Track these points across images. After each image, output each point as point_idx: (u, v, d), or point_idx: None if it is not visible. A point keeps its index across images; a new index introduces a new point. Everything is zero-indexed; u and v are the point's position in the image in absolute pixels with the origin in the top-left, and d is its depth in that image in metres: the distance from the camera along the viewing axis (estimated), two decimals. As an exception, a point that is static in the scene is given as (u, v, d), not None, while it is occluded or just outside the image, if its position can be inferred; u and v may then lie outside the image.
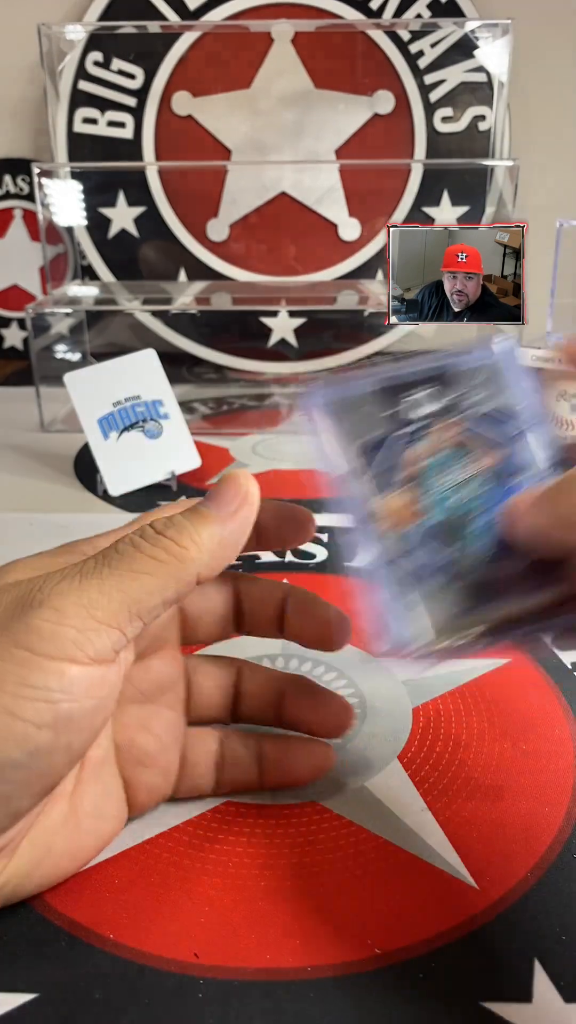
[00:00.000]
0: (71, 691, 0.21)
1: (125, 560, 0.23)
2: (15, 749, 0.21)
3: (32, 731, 0.21)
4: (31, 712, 0.21)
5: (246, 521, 0.25)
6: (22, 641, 0.21)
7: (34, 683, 0.21)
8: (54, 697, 0.21)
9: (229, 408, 0.83)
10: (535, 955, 0.24)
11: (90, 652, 0.22)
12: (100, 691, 0.22)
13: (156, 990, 0.23)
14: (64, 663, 0.21)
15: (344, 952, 0.24)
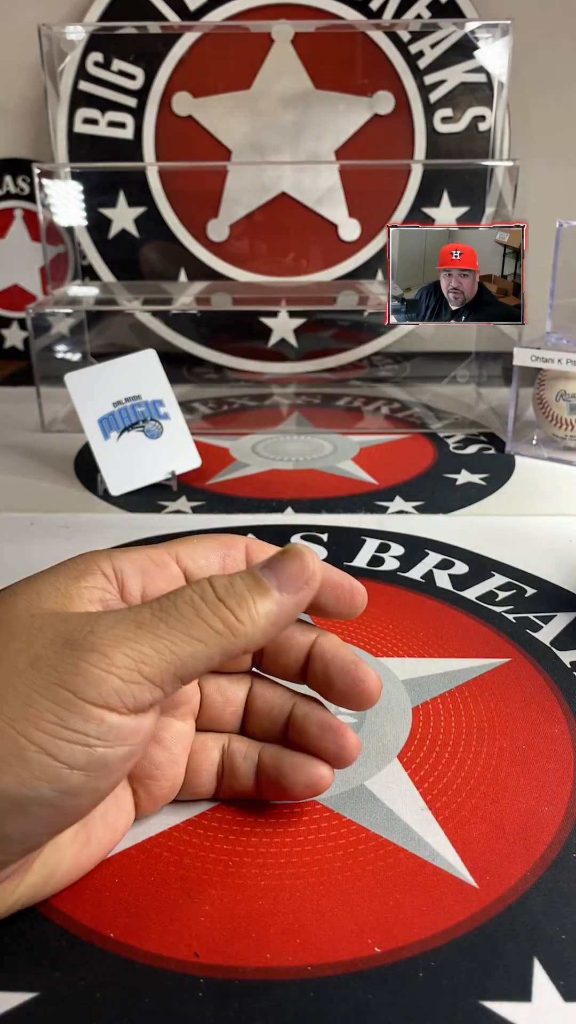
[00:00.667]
0: (107, 737, 0.22)
1: (183, 623, 0.23)
2: (46, 787, 0.21)
3: (65, 772, 0.21)
4: (67, 754, 0.21)
5: (303, 603, 0.25)
6: (67, 681, 0.21)
7: (73, 726, 0.21)
8: (91, 742, 0.21)
9: (229, 408, 0.83)
10: (535, 955, 0.24)
11: (130, 704, 0.22)
12: (135, 739, 0.23)
13: (156, 990, 0.23)
14: (104, 711, 0.22)
15: (344, 952, 0.24)
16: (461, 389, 0.88)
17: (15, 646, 0.23)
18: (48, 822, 0.22)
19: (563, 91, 0.92)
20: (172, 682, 0.23)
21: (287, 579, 0.24)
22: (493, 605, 0.43)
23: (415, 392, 0.88)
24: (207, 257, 0.91)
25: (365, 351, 0.93)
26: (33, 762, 0.21)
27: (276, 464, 0.66)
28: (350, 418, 0.79)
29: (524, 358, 0.64)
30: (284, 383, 0.91)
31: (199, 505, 0.58)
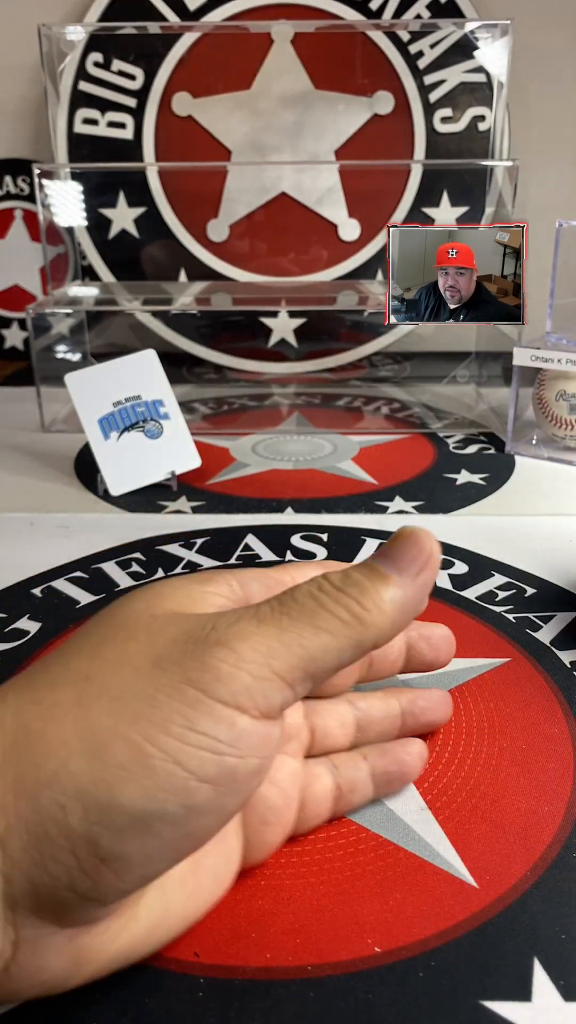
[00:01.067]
0: (238, 745, 0.20)
1: (306, 613, 0.21)
2: (173, 802, 0.19)
3: (193, 784, 0.19)
4: (195, 763, 0.19)
5: (427, 586, 0.23)
6: (195, 679, 0.20)
7: (203, 729, 0.19)
8: (221, 748, 0.20)
9: (229, 408, 0.83)
10: (535, 955, 0.24)
11: (261, 705, 0.20)
12: (264, 750, 0.21)
13: (156, 990, 0.23)
14: (236, 712, 0.20)
15: (344, 952, 0.24)
16: (461, 389, 0.88)
17: (134, 647, 0.21)
18: (171, 845, 0.20)
19: (563, 91, 0.92)
20: (303, 680, 0.21)
21: (405, 563, 0.23)
22: (493, 605, 0.43)
23: (415, 392, 0.88)
24: (207, 257, 0.91)
25: (365, 351, 0.93)
26: (160, 772, 0.19)
27: (276, 464, 0.66)
28: (350, 418, 0.79)
29: (524, 358, 0.64)
30: (284, 383, 0.91)
31: (199, 505, 0.58)
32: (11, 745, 0.20)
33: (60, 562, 0.49)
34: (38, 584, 0.46)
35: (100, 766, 0.19)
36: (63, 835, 0.19)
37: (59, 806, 0.19)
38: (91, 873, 0.19)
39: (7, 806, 0.19)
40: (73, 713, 0.20)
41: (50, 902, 0.19)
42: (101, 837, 0.19)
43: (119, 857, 0.19)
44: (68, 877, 0.19)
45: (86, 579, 0.47)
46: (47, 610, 0.43)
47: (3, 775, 0.19)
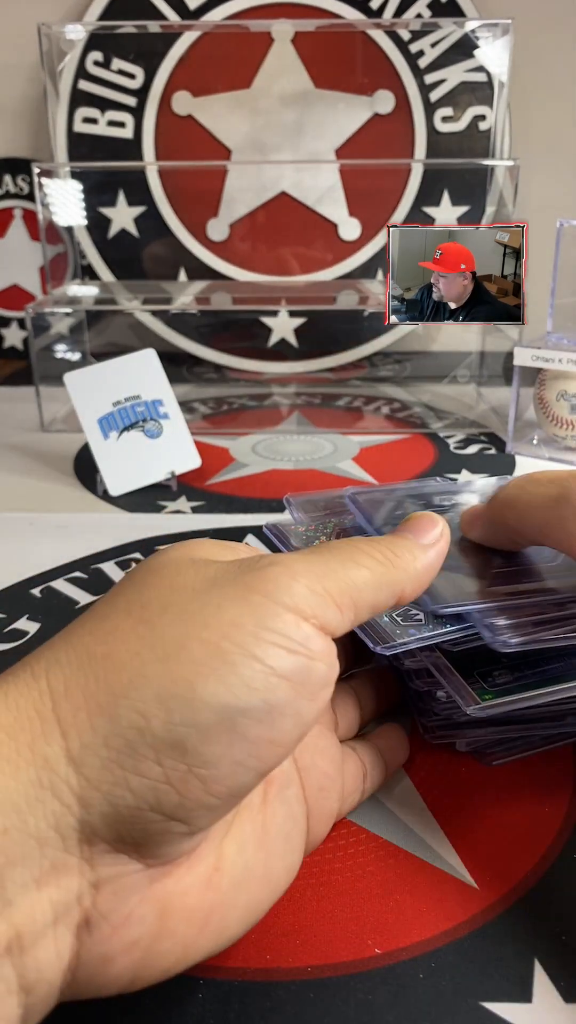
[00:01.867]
0: (308, 645, 0.20)
1: (346, 552, 0.23)
2: (254, 696, 0.19)
3: (273, 680, 0.19)
4: (272, 657, 0.19)
5: (440, 555, 0.25)
6: (257, 587, 0.20)
7: (273, 627, 0.20)
8: (293, 647, 0.20)
9: (229, 408, 0.83)
10: (535, 955, 0.24)
11: (320, 616, 0.21)
12: (329, 658, 0.21)
13: (156, 990, 0.23)
14: (299, 617, 0.20)
15: (344, 952, 0.24)
16: (461, 389, 0.88)
17: (183, 577, 0.21)
18: (256, 749, 0.19)
19: (563, 91, 0.92)
20: (349, 607, 0.21)
21: (423, 533, 0.25)
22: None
23: (415, 392, 0.88)
24: (207, 256, 0.91)
25: (365, 351, 0.93)
26: (239, 665, 0.19)
27: (276, 464, 0.66)
28: (350, 418, 0.79)
29: (525, 358, 0.64)
30: (284, 383, 0.91)
31: (199, 505, 0.58)
32: (75, 670, 0.19)
33: (59, 562, 0.49)
34: (37, 584, 0.46)
35: (178, 665, 0.19)
36: (147, 744, 0.18)
37: (139, 714, 0.18)
38: (178, 785, 0.18)
39: (80, 725, 0.18)
40: (137, 631, 0.20)
41: (132, 828, 0.18)
42: (187, 738, 0.18)
43: (206, 762, 0.19)
44: (153, 793, 0.18)
45: (85, 579, 0.47)
46: (46, 610, 0.43)
47: (70, 698, 0.19)
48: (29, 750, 0.18)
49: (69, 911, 0.18)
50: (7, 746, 0.18)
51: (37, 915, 0.18)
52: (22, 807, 0.18)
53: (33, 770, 0.18)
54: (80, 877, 0.18)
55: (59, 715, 0.19)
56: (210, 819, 0.19)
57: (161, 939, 0.19)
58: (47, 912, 0.18)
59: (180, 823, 0.19)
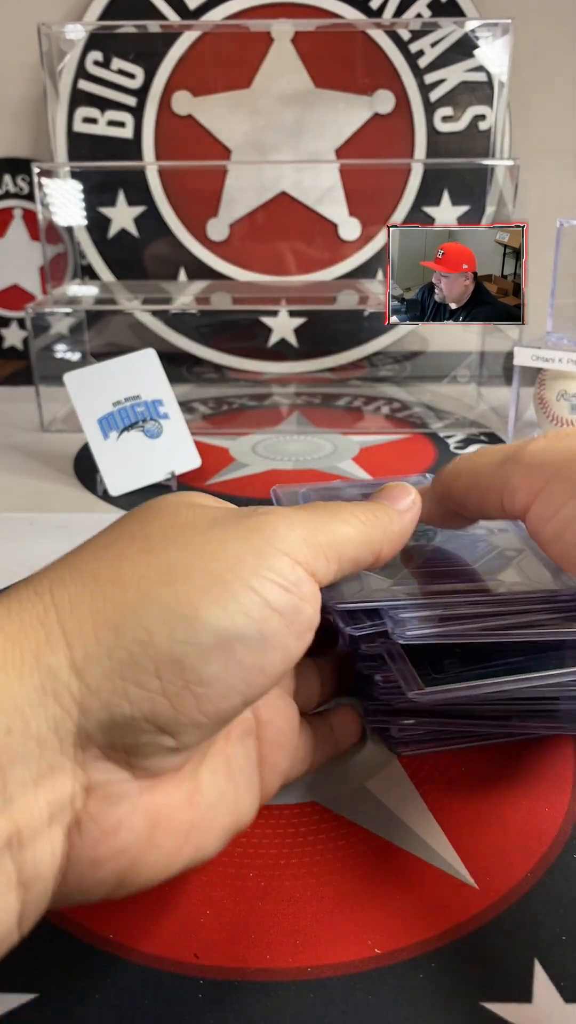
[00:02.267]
0: (300, 587, 0.22)
1: (335, 510, 0.25)
2: (251, 625, 0.21)
3: (268, 612, 0.21)
4: (268, 592, 0.21)
5: (413, 521, 0.28)
6: (258, 531, 0.22)
7: (271, 567, 0.22)
8: (287, 586, 0.22)
9: (229, 408, 0.83)
10: (535, 955, 0.24)
11: (311, 563, 0.23)
12: (315, 603, 0.23)
13: (156, 990, 0.23)
14: (293, 560, 0.22)
15: (344, 952, 0.24)
16: (462, 389, 0.88)
17: (184, 516, 0.23)
18: (246, 675, 0.21)
19: (563, 91, 0.92)
20: (335, 559, 0.24)
21: (397, 500, 0.28)
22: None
23: (415, 392, 0.88)
24: (207, 256, 0.91)
25: (365, 351, 0.93)
26: (240, 595, 0.21)
27: (276, 464, 0.66)
28: (350, 418, 0.79)
29: (525, 358, 0.64)
30: (284, 383, 0.91)
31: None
32: (80, 588, 0.21)
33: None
34: (38, 584, 0.46)
35: (184, 590, 0.20)
36: (149, 657, 0.20)
37: (144, 629, 0.20)
38: (173, 699, 0.20)
39: (85, 636, 0.20)
40: (143, 557, 0.21)
41: (124, 737, 0.20)
42: (187, 656, 0.20)
43: (202, 680, 0.20)
44: (150, 704, 0.20)
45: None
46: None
47: (75, 612, 0.20)
48: (34, 657, 0.19)
49: (63, 812, 0.19)
50: (12, 653, 0.19)
51: (35, 813, 0.19)
52: (25, 710, 0.19)
53: (37, 676, 0.19)
54: (73, 780, 0.20)
55: (64, 627, 0.20)
56: (196, 737, 0.21)
57: (148, 850, 0.21)
58: (44, 811, 0.19)
59: (170, 737, 0.20)
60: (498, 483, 0.27)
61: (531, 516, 0.26)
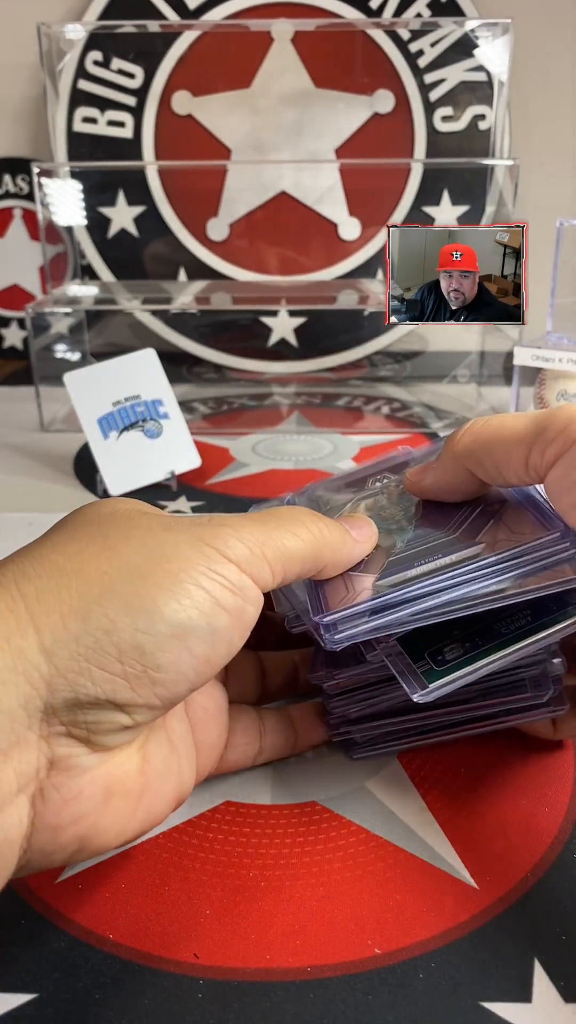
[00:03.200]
0: (246, 592, 0.24)
1: (284, 522, 0.26)
2: (203, 620, 0.23)
3: (218, 609, 0.23)
4: (218, 592, 0.23)
5: (361, 556, 0.29)
6: (209, 540, 0.24)
7: (220, 571, 0.24)
8: (234, 588, 0.24)
9: (229, 408, 0.83)
10: (535, 955, 0.24)
11: (255, 574, 0.24)
12: (257, 605, 0.25)
13: (156, 990, 0.23)
14: (239, 568, 0.24)
15: (344, 952, 0.24)
16: (462, 388, 0.88)
17: (139, 521, 0.25)
18: (197, 664, 0.23)
19: (563, 90, 0.92)
20: (280, 572, 0.25)
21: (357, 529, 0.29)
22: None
23: (415, 391, 0.88)
24: (207, 256, 0.91)
25: (365, 351, 0.93)
26: (194, 594, 0.23)
27: (276, 464, 0.66)
28: (350, 418, 0.79)
29: (525, 357, 0.64)
30: (284, 383, 0.91)
31: (199, 505, 0.58)
32: (46, 581, 0.22)
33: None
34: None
35: (143, 586, 0.22)
36: (112, 643, 0.22)
37: (109, 619, 0.22)
38: (133, 682, 0.22)
39: (54, 624, 0.22)
40: (104, 555, 0.23)
41: (87, 714, 0.22)
42: (147, 644, 0.22)
43: (159, 666, 0.22)
44: (111, 685, 0.22)
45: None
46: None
47: (43, 603, 0.22)
48: (5, 640, 0.21)
49: (29, 782, 0.21)
50: None
51: (3, 783, 0.21)
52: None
53: (8, 656, 0.21)
54: (39, 753, 0.21)
55: (32, 615, 0.22)
56: (148, 716, 0.23)
57: (105, 815, 0.23)
58: (12, 781, 0.21)
59: (126, 715, 0.22)
60: (529, 437, 0.26)
61: (553, 475, 0.26)
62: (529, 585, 0.26)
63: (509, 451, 0.27)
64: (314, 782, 0.31)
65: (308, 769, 0.32)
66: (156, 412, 0.60)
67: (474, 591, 0.27)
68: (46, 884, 0.27)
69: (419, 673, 0.27)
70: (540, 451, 0.26)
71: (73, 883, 0.27)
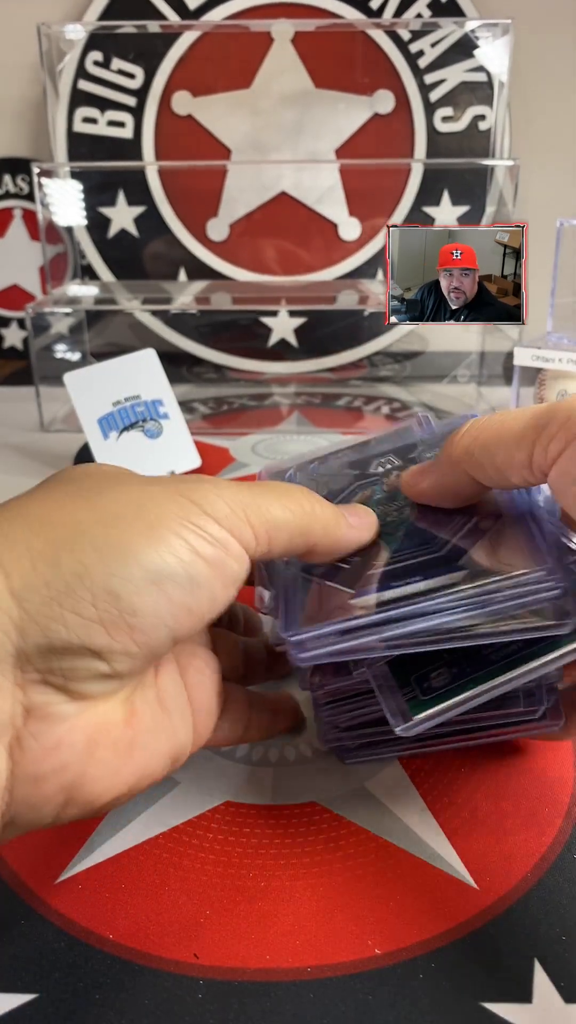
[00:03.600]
0: (227, 545, 0.24)
1: (274, 492, 0.26)
2: (180, 567, 0.22)
3: (195, 557, 0.23)
4: (196, 541, 0.23)
5: (356, 543, 0.28)
6: (188, 495, 0.24)
7: (197, 523, 0.23)
8: (212, 540, 0.23)
9: (229, 408, 0.83)
10: (535, 955, 0.24)
11: (236, 530, 0.24)
12: (242, 561, 0.24)
13: (156, 990, 0.23)
14: (218, 523, 0.24)
15: (344, 952, 0.24)
16: (462, 388, 0.88)
17: (119, 477, 0.25)
18: (176, 610, 0.23)
19: (563, 91, 0.92)
20: (264, 536, 0.25)
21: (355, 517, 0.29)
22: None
23: (416, 391, 0.88)
24: (207, 256, 0.91)
25: (365, 351, 0.93)
26: (170, 541, 0.22)
27: (276, 464, 0.66)
28: (350, 418, 0.79)
29: (525, 357, 0.64)
30: (284, 383, 0.91)
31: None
32: (15, 528, 0.22)
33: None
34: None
35: (117, 532, 0.22)
36: (86, 587, 0.21)
37: (81, 564, 0.21)
38: (108, 626, 0.21)
39: (23, 568, 0.21)
40: (77, 503, 0.23)
41: (62, 660, 0.21)
42: (122, 588, 0.21)
43: (135, 611, 0.22)
44: (86, 630, 0.21)
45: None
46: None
47: (12, 549, 0.21)
48: None
49: (5, 730, 0.21)
50: None
51: None
52: None
53: None
54: (13, 700, 0.21)
55: (1, 561, 0.21)
56: (128, 665, 0.22)
57: (90, 764, 0.22)
58: None
59: (104, 663, 0.22)
60: (531, 435, 0.25)
61: (557, 471, 0.25)
62: (503, 626, 0.25)
63: (511, 452, 0.26)
64: (314, 782, 0.31)
65: (308, 769, 0.32)
66: (156, 412, 0.60)
67: (445, 624, 0.25)
68: (46, 884, 0.27)
69: (404, 702, 0.26)
70: (543, 449, 0.25)
71: (73, 883, 0.27)
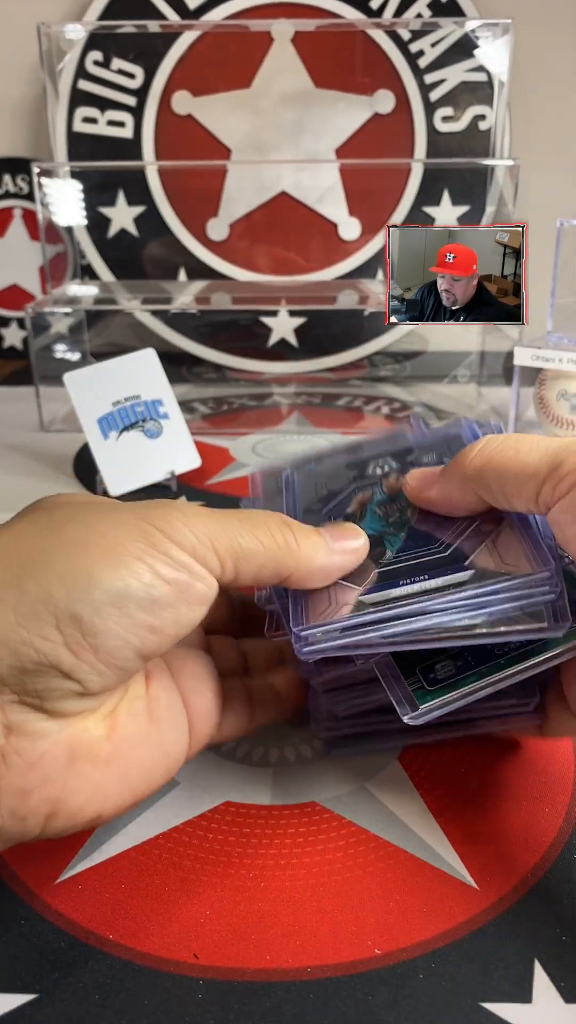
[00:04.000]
0: (191, 568, 0.24)
1: (252, 525, 0.26)
2: (141, 589, 0.23)
3: (157, 580, 0.23)
4: (158, 565, 0.24)
5: (343, 568, 0.28)
6: (155, 523, 0.24)
7: (159, 547, 0.24)
8: (176, 565, 0.24)
9: (229, 408, 0.83)
10: (535, 955, 0.24)
11: (200, 557, 0.24)
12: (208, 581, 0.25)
13: (156, 991, 0.23)
14: (183, 549, 0.24)
15: (344, 952, 0.24)
16: (462, 388, 0.88)
17: (89, 506, 0.25)
18: (139, 631, 0.23)
19: (563, 90, 0.92)
20: (231, 567, 0.25)
21: (341, 540, 0.28)
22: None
23: (416, 391, 0.88)
24: (207, 256, 0.91)
25: (365, 351, 0.93)
26: (131, 564, 0.23)
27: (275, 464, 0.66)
28: (350, 418, 0.79)
29: (525, 357, 0.64)
30: (284, 383, 0.91)
31: (199, 505, 0.58)
32: None
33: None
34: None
35: (79, 559, 0.23)
36: (50, 613, 0.22)
37: (44, 590, 0.22)
38: (74, 649, 0.22)
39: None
40: (43, 535, 0.24)
41: (35, 681, 0.22)
42: (83, 612, 0.22)
43: (97, 633, 0.23)
44: (54, 652, 0.22)
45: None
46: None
47: None
48: None
49: None
50: None
51: None
52: None
53: None
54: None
55: None
56: (100, 684, 0.23)
57: (72, 776, 0.23)
58: None
59: (75, 682, 0.23)
60: (543, 472, 0.26)
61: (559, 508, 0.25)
62: (502, 627, 0.26)
63: (521, 484, 0.27)
64: (314, 782, 0.31)
65: (308, 769, 0.32)
66: (156, 412, 0.60)
67: (447, 623, 0.26)
68: (46, 884, 0.27)
69: (410, 692, 0.27)
70: (551, 487, 0.26)
71: (73, 883, 0.27)
